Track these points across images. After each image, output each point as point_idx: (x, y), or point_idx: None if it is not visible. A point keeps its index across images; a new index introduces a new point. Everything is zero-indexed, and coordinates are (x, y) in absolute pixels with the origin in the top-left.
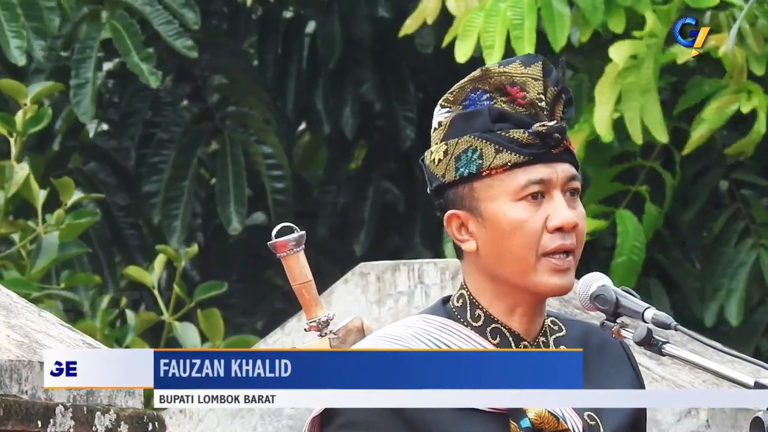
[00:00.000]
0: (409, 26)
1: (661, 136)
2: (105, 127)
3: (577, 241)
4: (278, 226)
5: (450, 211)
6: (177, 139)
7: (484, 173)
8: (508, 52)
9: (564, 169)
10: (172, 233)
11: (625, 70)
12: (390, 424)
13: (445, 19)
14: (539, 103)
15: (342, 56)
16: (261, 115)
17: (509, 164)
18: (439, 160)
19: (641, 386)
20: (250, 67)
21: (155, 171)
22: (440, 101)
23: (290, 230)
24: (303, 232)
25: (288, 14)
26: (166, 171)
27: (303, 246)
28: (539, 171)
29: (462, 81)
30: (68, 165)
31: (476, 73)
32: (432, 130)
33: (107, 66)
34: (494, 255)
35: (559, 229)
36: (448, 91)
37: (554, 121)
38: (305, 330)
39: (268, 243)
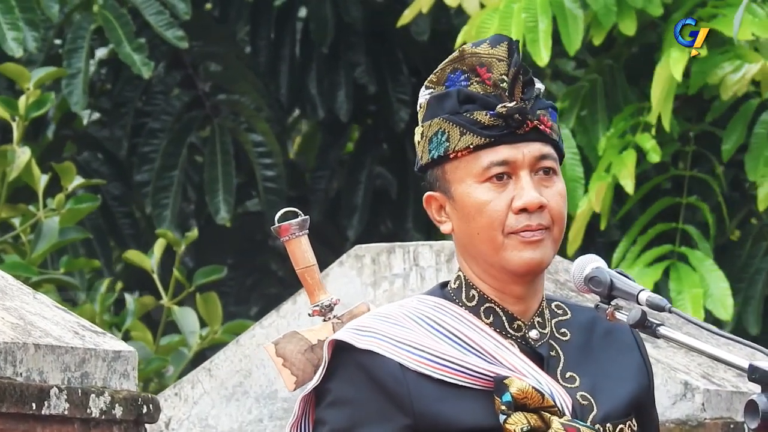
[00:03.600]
0: (406, 17)
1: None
2: (98, 116)
3: (553, 218)
4: (281, 211)
5: (428, 193)
6: (168, 128)
7: (451, 155)
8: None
9: (531, 150)
10: (162, 222)
11: None
12: (377, 401)
13: (441, 7)
14: (501, 84)
15: (335, 40)
16: (253, 103)
17: (472, 146)
18: (418, 142)
19: (649, 373)
20: (242, 53)
21: (146, 160)
22: (426, 82)
23: (294, 215)
24: (306, 217)
25: None
26: (156, 160)
27: (306, 230)
28: (502, 152)
29: (443, 62)
30: (62, 154)
31: (455, 54)
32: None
33: (100, 54)
34: (466, 236)
35: (524, 210)
36: (433, 72)
37: (514, 102)
38: (309, 315)
39: (272, 227)
